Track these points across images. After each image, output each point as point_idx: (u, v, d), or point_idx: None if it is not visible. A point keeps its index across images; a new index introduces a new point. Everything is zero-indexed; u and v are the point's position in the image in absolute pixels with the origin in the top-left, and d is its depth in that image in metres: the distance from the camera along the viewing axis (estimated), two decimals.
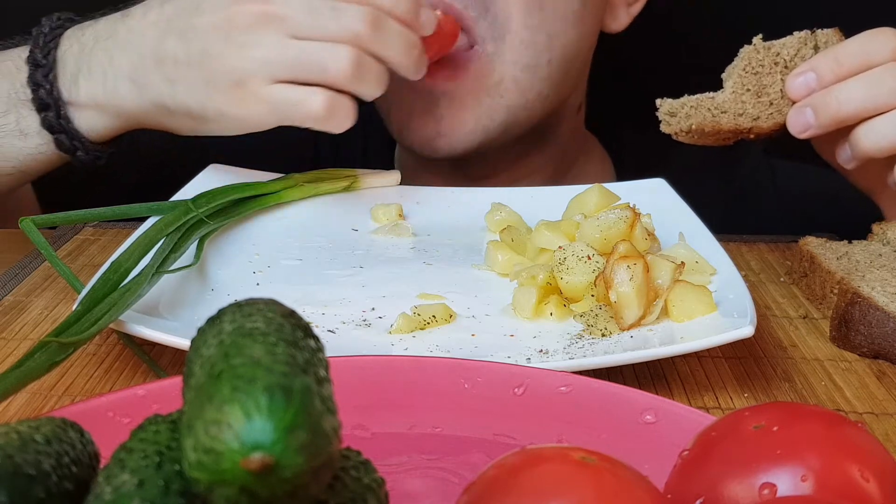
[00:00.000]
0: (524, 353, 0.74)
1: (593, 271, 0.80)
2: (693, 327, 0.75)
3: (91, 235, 1.03)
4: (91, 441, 0.44)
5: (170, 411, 0.44)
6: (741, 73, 0.92)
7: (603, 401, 0.59)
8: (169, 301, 0.79)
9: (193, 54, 0.91)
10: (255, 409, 0.35)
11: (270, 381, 0.36)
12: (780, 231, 1.08)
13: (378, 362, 0.63)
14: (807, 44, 0.92)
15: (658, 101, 0.92)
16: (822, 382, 0.76)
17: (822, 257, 0.89)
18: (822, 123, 0.89)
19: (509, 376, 0.61)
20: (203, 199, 0.91)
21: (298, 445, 0.35)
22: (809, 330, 0.84)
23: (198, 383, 0.38)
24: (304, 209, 1.02)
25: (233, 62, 0.90)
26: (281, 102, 0.90)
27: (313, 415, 0.36)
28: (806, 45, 0.92)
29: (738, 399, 0.73)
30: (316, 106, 0.90)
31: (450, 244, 0.97)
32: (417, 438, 0.59)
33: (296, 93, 0.90)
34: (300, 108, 0.90)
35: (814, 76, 0.90)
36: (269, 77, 0.90)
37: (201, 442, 0.35)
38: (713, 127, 0.91)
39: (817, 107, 0.89)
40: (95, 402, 0.56)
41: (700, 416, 0.56)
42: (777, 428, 0.44)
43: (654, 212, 0.90)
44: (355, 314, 0.81)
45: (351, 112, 0.92)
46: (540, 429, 0.58)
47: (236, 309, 0.42)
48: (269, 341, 0.39)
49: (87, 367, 0.75)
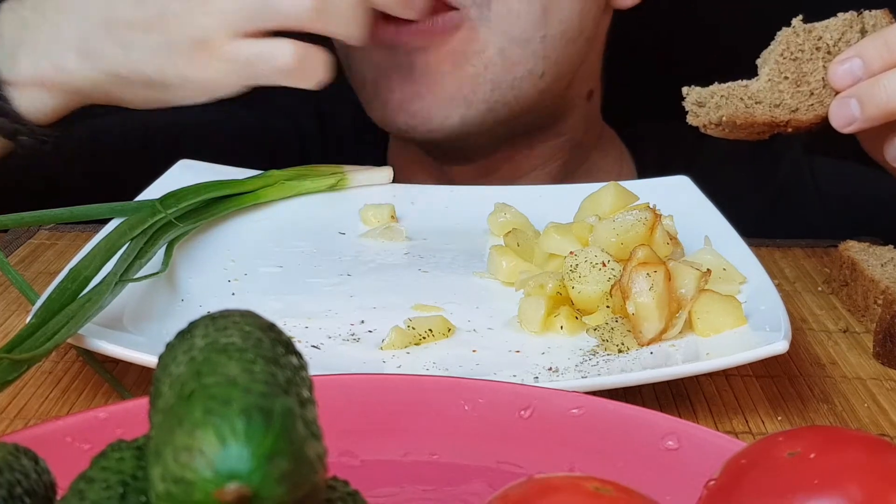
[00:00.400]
0: (531, 371, 0.74)
1: (609, 280, 0.80)
2: (720, 342, 0.75)
3: (46, 240, 1.03)
4: (47, 470, 0.44)
5: (135, 436, 0.44)
6: (778, 58, 0.91)
7: (619, 424, 0.59)
8: (134, 313, 0.79)
9: (150, 16, 0.92)
10: (231, 433, 0.35)
11: (248, 402, 0.36)
12: (817, 235, 1.08)
13: (368, 382, 0.63)
14: (852, 27, 0.91)
15: (684, 89, 0.91)
16: (865, 404, 0.76)
17: (865, 264, 0.89)
18: (869, 116, 0.88)
19: (515, 397, 0.61)
20: (172, 199, 0.91)
21: (279, 474, 0.35)
22: (850, 345, 0.85)
23: (166, 405, 0.38)
24: (284, 210, 1.02)
25: (193, 20, 0.91)
26: (246, 58, 0.92)
27: (296, 440, 0.36)
28: (851, 29, 0.91)
29: (771, 423, 0.73)
30: (284, 57, 0.92)
31: (448, 249, 0.97)
32: (412, 467, 0.59)
33: (261, 46, 0.92)
34: (268, 62, 0.92)
35: (860, 63, 0.89)
36: (231, 31, 0.91)
37: (170, 470, 0.35)
38: (746, 119, 0.90)
39: (863, 98, 0.88)
40: (52, 426, 0.56)
41: (728, 441, 0.56)
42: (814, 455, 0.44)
43: (677, 213, 0.90)
44: (342, 328, 0.81)
45: (323, 63, 0.93)
46: (549, 456, 0.58)
47: (209, 322, 0.42)
48: (247, 358, 0.39)
49: (43, 386, 0.75)
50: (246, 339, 0.40)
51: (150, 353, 0.70)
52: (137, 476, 0.40)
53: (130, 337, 0.75)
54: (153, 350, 0.69)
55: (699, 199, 1.00)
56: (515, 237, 0.91)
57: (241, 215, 1.00)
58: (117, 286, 0.78)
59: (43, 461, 0.44)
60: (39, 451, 0.45)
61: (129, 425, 0.54)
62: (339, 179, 1.07)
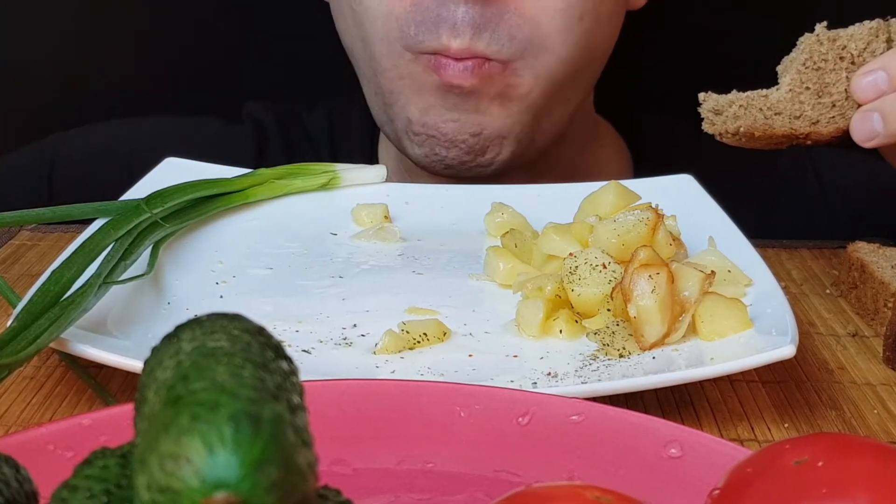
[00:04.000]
0: (529, 376, 0.74)
1: (609, 282, 0.80)
2: (725, 347, 0.76)
3: (28, 240, 1.03)
4: (28, 478, 0.44)
5: (120, 443, 0.44)
6: (801, 68, 0.88)
7: (620, 432, 0.59)
8: (119, 316, 0.79)
9: None
10: (219, 440, 0.35)
11: (236, 408, 0.36)
12: (825, 235, 1.08)
13: (360, 387, 0.63)
14: (878, 36, 0.89)
15: (701, 95, 0.90)
16: (875, 410, 0.76)
17: (875, 265, 0.89)
18: (892, 132, 0.86)
19: (512, 403, 0.61)
20: (158, 199, 0.91)
21: (268, 483, 0.35)
22: (860, 350, 0.85)
23: (152, 411, 0.38)
24: (274, 210, 1.02)
25: None
26: None
27: (285, 448, 0.36)
28: (878, 38, 0.89)
29: (777, 430, 0.73)
30: None
31: (443, 250, 0.97)
32: (406, 475, 0.59)
33: None
34: None
35: (885, 76, 0.86)
36: None
37: (156, 479, 0.35)
38: (765, 131, 0.88)
39: (886, 112, 0.86)
40: (34, 434, 0.56)
41: (733, 449, 0.56)
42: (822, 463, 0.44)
43: (680, 213, 0.90)
44: (334, 332, 0.81)
45: None
46: (547, 464, 0.58)
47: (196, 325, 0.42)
48: (235, 363, 0.39)
49: (24, 392, 0.75)
50: (234, 343, 0.40)
51: (136, 357, 0.70)
52: (122, 485, 0.40)
53: (115, 341, 0.75)
54: (138, 355, 0.69)
55: (703, 198, 1.00)
56: (513, 238, 0.91)
57: (229, 215, 1.00)
58: (101, 288, 0.78)
59: (24, 469, 0.44)
60: (21, 458, 0.45)
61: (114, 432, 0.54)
62: (330, 178, 1.07)
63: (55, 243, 1.02)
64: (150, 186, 0.95)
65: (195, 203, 0.96)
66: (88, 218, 0.90)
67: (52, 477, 0.43)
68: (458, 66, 1.05)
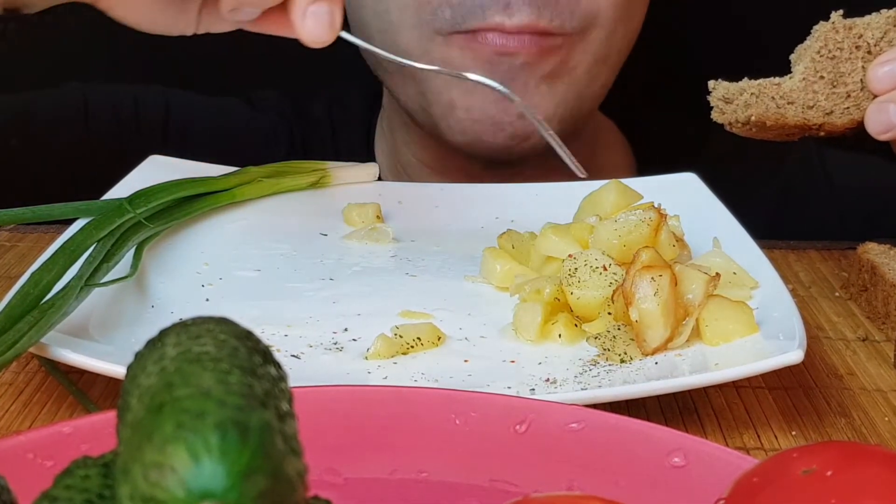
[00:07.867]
0: (527, 382, 0.74)
1: (610, 284, 0.80)
2: (730, 351, 0.76)
3: (7, 241, 1.03)
4: (7, 488, 0.44)
5: (102, 452, 0.44)
6: (815, 56, 0.88)
7: (621, 440, 0.59)
8: (101, 320, 0.79)
9: None
10: (205, 449, 0.35)
11: (223, 416, 0.36)
12: (834, 236, 1.08)
13: (352, 394, 0.63)
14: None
15: (711, 83, 0.90)
16: (886, 418, 0.76)
17: (886, 268, 0.89)
18: None
19: (509, 410, 0.61)
20: (141, 198, 0.91)
21: (256, 493, 0.35)
22: (870, 354, 0.85)
23: (135, 419, 0.38)
24: (262, 210, 1.02)
25: None
26: None
27: (274, 456, 0.36)
28: (895, 28, 0.90)
29: (785, 438, 0.73)
30: None
31: (438, 252, 0.97)
32: (399, 485, 0.59)
33: None
34: None
35: None
36: None
37: (139, 489, 0.35)
38: (777, 121, 0.88)
39: None
40: (12, 442, 0.56)
41: (738, 458, 0.56)
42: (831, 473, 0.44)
43: (684, 213, 0.90)
44: (324, 336, 0.81)
45: None
46: (546, 473, 0.58)
47: (181, 330, 0.42)
48: (221, 368, 0.39)
49: (3, 399, 0.75)
50: (221, 348, 0.40)
51: (118, 363, 0.70)
52: (104, 495, 0.40)
53: (97, 346, 0.75)
54: (121, 360, 0.69)
55: (707, 197, 1.00)
56: (510, 239, 0.91)
57: (215, 215, 1.00)
58: (83, 291, 0.78)
59: (3, 479, 0.44)
60: None
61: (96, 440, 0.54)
62: (320, 177, 1.07)
63: (35, 244, 1.02)
64: (133, 185, 0.95)
65: (180, 202, 0.96)
66: (69, 218, 0.90)
67: (31, 487, 0.43)
68: (512, 38, 1.07)
